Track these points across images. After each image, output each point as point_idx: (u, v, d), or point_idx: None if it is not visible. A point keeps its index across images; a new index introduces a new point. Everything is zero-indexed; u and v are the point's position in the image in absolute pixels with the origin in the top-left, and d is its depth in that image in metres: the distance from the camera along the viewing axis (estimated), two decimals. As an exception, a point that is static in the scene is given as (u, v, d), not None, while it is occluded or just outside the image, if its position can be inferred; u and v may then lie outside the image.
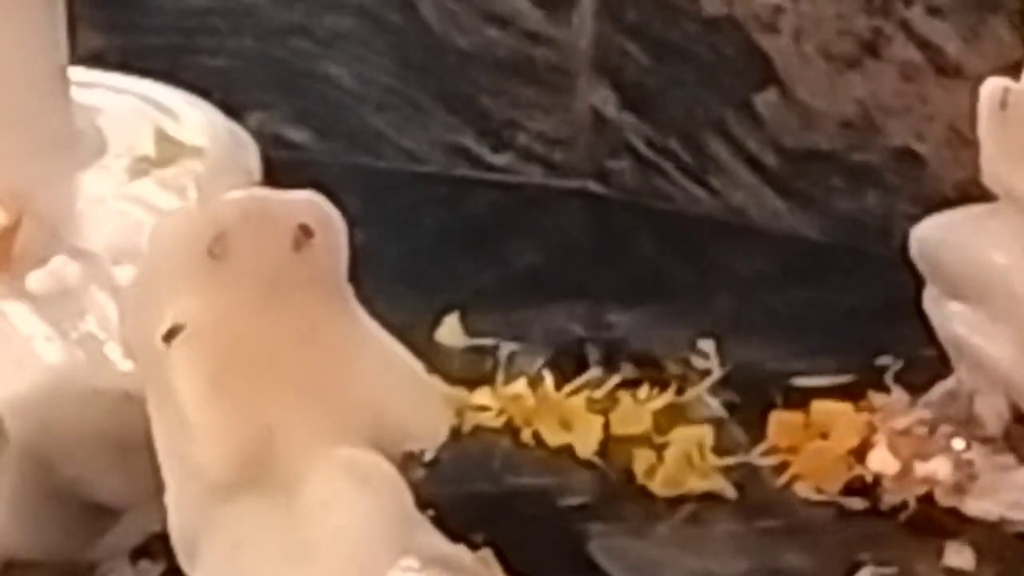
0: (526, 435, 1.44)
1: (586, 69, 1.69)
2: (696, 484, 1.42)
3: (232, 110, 1.45)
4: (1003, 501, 1.38)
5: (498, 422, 1.43)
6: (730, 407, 1.46)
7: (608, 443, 1.44)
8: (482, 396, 1.43)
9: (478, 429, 1.40)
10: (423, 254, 1.55)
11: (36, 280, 1.24)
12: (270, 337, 1.08)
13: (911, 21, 1.60)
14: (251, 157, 1.36)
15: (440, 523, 1.12)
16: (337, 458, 1.07)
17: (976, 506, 1.39)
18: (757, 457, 1.44)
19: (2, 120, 1.29)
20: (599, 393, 1.46)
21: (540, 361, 1.49)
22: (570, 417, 1.44)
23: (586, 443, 1.44)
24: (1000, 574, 1.36)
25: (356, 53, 1.74)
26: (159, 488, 1.10)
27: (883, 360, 1.48)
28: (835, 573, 1.35)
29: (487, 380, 1.45)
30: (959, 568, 1.35)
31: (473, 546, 1.14)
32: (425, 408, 1.12)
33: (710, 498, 1.41)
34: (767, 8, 1.64)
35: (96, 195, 1.31)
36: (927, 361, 1.46)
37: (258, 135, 1.42)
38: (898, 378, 1.47)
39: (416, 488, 1.11)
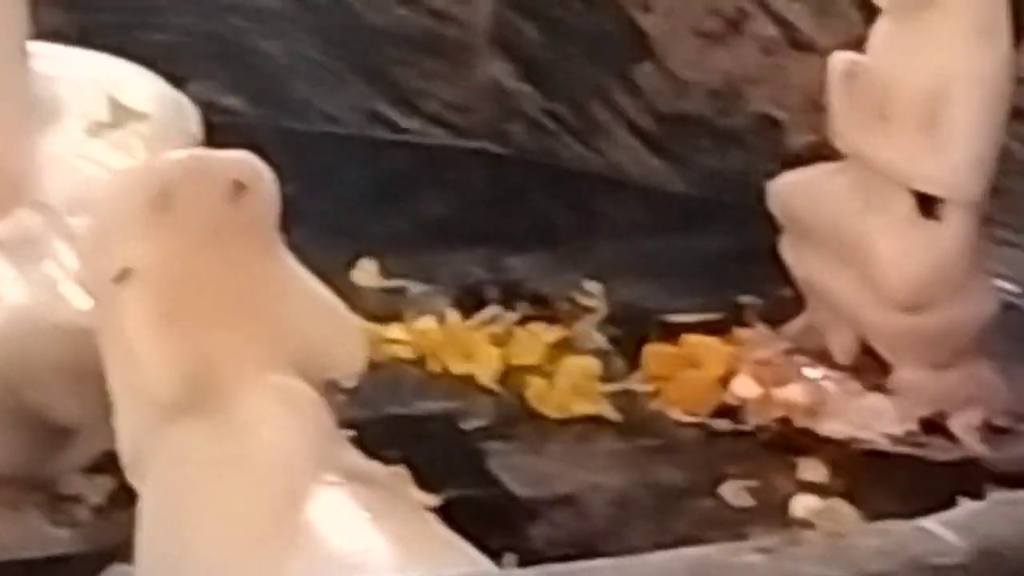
0: (433, 365, 1.46)
1: (485, 44, 1.70)
2: (583, 408, 1.44)
3: (176, 80, 1.45)
4: (852, 422, 1.40)
5: (409, 354, 1.45)
6: (612, 340, 1.47)
7: (506, 372, 1.45)
8: (394, 331, 1.46)
9: (391, 360, 1.41)
10: (343, 206, 1.56)
11: (3, 229, 1.26)
12: (209, 278, 1.10)
13: (769, 2, 1.62)
14: (192, 122, 1.37)
15: (358, 442, 1.14)
16: (268, 384, 1.09)
17: (828, 427, 1.41)
18: (635, 384, 1.46)
19: None
20: (497, 328, 1.47)
21: (445, 300, 1.51)
22: (472, 349, 1.46)
23: (486, 372, 1.46)
24: (849, 487, 1.37)
25: (284, 29, 1.75)
26: (110, 411, 1.13)
27: (745, 299, 1.50)
28: (704, 486, 1.37)
29: (399, 317, 1.47)
30: (812, 481, 1.38)
31: (387, 462, 1.16)
32: (345, 341, 1.15)
33: (595, 420, 1.43)
34: None
35: (55, 155, 1.33)
36: (784, 300, 1.48)
37: (198, 102, 1.43)
38: (759, 315, 1.49)
39: (337, 411, 1.13)
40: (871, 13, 1.41)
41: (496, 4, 1.71)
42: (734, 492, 1.37)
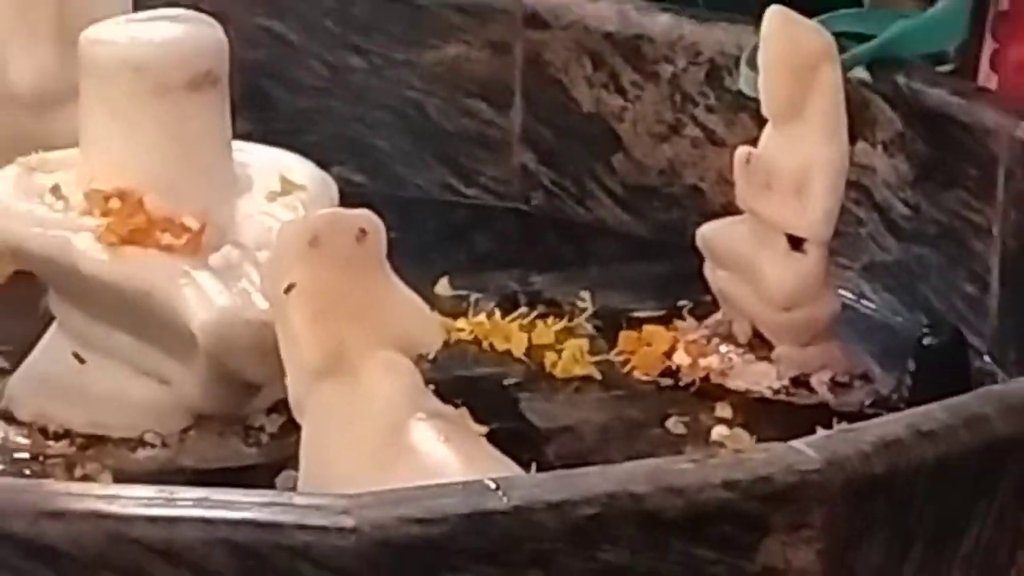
0: (484, 345, 1.48)
1: (518, 142, 1.70)
2: (579, 371, 1.45)
3: (323, 164, 1.45)
4: (748, 380, 1.42)
5: (468, 338, 1.47)
6: (597, 329, 1.48)
7: (530, 349, 1.47)
8: (460, 323, 1.47)
9: (457, 341, 1.43)
10: (427, 244, 1.57)
11: (214, 259, 1.27)
12: (342, 290, 1.12)
13: (697, 115, 1.62)
14: (333, 192, 1.38)
15: (437, 393, 1.16)
16: (379, 357, 1.12)
17: (733, 383, 1.42)
18: (612, 357, 1.47)
19: (197, 170, 1.33)
20: (525, 321, 1.49)
21: (492, 303, 1.52)
22: (509, 334, 1.48)
23: (519, 349, 1.47)
24: (747, 421, 1.39)
25: (390, 132, 1.75)
26: (282, 373, 1.14)
27: (682, 303, 1.51)
28: (655, 421, 1.40)
29: (463, 314, 1.49)
30: (724, 417, 1.39)
31: (455, 406, 1.18)
32: (428, 329, 1.17)
33: (586, 379, 1.45)
34: (618, 107, 1.66)
35: (247, 212, 1.34)
36: (706, 303, 1.49)
37: (336, 179, 1.44)
38: (690, 313, 1.49)
39: (423, 374, 1.15)
40: (762, 121, 1.42)
41: (525, 116, 1.71)
42: (674, 425, 1.39)
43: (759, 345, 1.44)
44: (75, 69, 1.35)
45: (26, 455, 1.28)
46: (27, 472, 1.26)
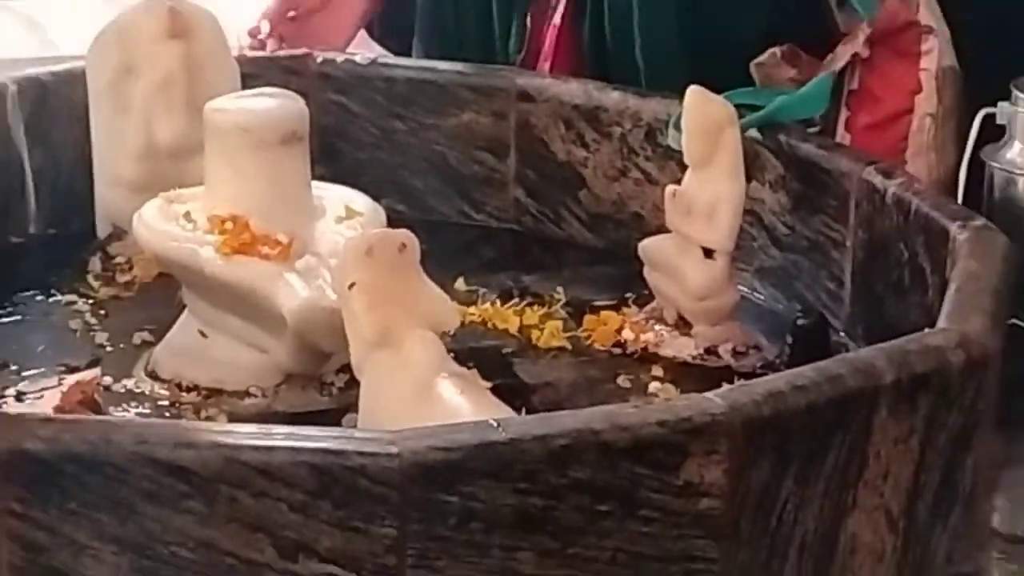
0: (489, 325, 1.46)
1: (512, 182, 1.69)
2: (555, 343, 1.43)
3: (375, 197, 1.43)
4: (674, 350, 1.40)
5: (478, 320, 1.45)
6: (568, 313, 1.47)
7: (521, 328, 1.45)
8: (471, 310, 1.45)
9: (470, 322, 1.41)
10: (448, 253, 1.55)
11: (299, 265, 1.27)
12: (389, 287, 1.12)
13: (640, 163, 1.62)
14: (382, 217, 1.37)
15: (456, 360, 1.15)
16: (415, 333, 1.11)
17: (664, 351, 1.41)
18: (579, 333, 1.45)
19: (286, 202, 1.33)
20: (517, 308, 1.47)
21: (494, 296, 1.51)
22: (506, 317, 1.46)
23: (513, 327, 1.45)
24: (673, 378, 1.37)
25: (420, 175, 1.74)
26: (347, 345, 1.14)
27: (628, 295, 1.49)
28: (609, 379, 1.38)
29: (473, 303, 1.47)
30: (657, 375, 1.38)
31: (467, 367, 1.17)
32: (449, 314, 1.17)
33: (561, 349, 1.43)
34: (582, 157, 1.66)
35: (321, 231, 1.35)
36: (645, 295, 1.47)
37: (384, 208, 1.44)
38: (634, 302, 1.48)
39: (446, 345, 1.14)
40: (684, 167, 1.41)
41: (517, 164, 1.69)
42: (623, 381, 1.37)
43: (682, 325, 1.43)
44: (201, 130, 1.36)
45: (166, 403, 1.29)
46: (167, 415, 1.27)
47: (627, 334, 1.44)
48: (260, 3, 2.29)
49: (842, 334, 1.44)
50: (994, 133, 1.51)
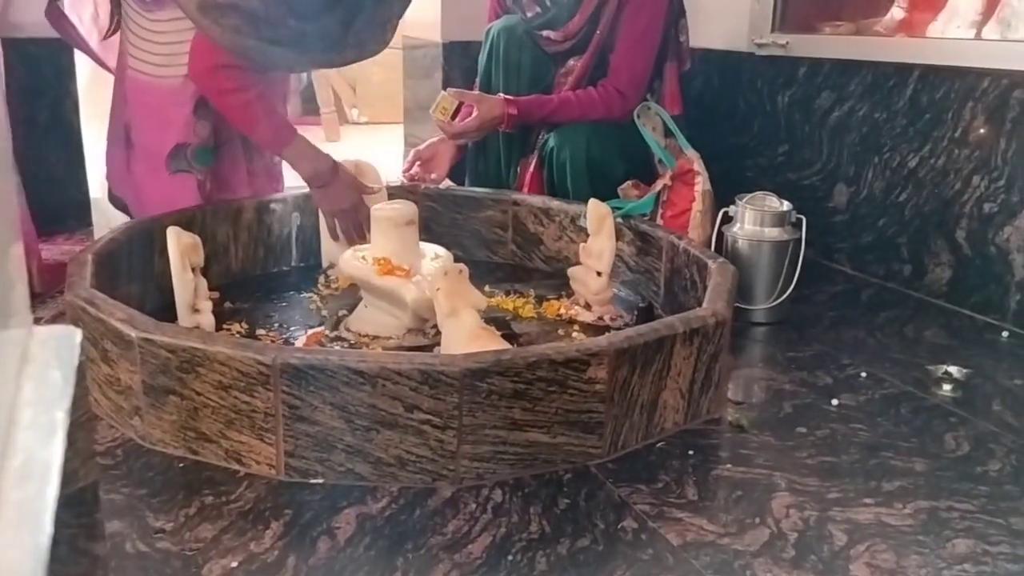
0: (499, 307, 1.40)
1: (510, 242, 1.63)
2: (530, 315, 1.38)
3: (448, 248, 1.42)
4: (586, 318, 1.37)
5: (494, 304, 1.39)
6: (536, 301, 1.43)
7: (515, 308, 1.40)
8: (492, 300, 1.39)
9: (490, 306, 1.36)
10: (482, 275, 1.50)
11: (414, 279, 1.25)
12: (455, 289, 1.11)
13: (570, 235, 1.57)
14: (451, 257, 1.34)
15: (485, 322, 1.14)
16: (467, 311, 1.11)
17: (579, 319, 1.37)
18: (540, 311, 1.40)
19: (408, 251, 1.31)
20: (512, 299, 1.43)
21: (502, 293, 1.46)
22: (507, 303, 1.41)
23: (510, 307, 1.40)
24: (584, 331, 1.33)
25: (471, 239, 1.75)
26: (435, 316, 1.13)
27: (563, 293, 1.44)
28: (554, 331, 1.33)
29: (493, 296, 1.42)
30: (577, 330, 1.33)
31: (489, 325, 1.15)
32: (482, 301, 1.14)
33: (531, 318, 1.37)
34: (541, 232, 1.64)
35: (424, 264, 1.33)
36: (571, 293, 1.43)
37: (453, 253, 1.42)
38: (567, 296, 1.44)
39: (481, 316, 1.13)
40: (587, 235, 1.41)
41: (512, 234, 1.64)
42: (561, 333, 1.32)
43: (588, 307, 1.39)
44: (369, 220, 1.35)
45: (353, 342, 1.28)
46: (353, 347, 1.25)
47: (563, 311, 1.41)
48: (394, 156, 2.29)
49: (660, 311, 1.43)
50: (726, 219, 1.52)
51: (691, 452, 1.03)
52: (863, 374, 1.26)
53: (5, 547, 0.23)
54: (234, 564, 0.79)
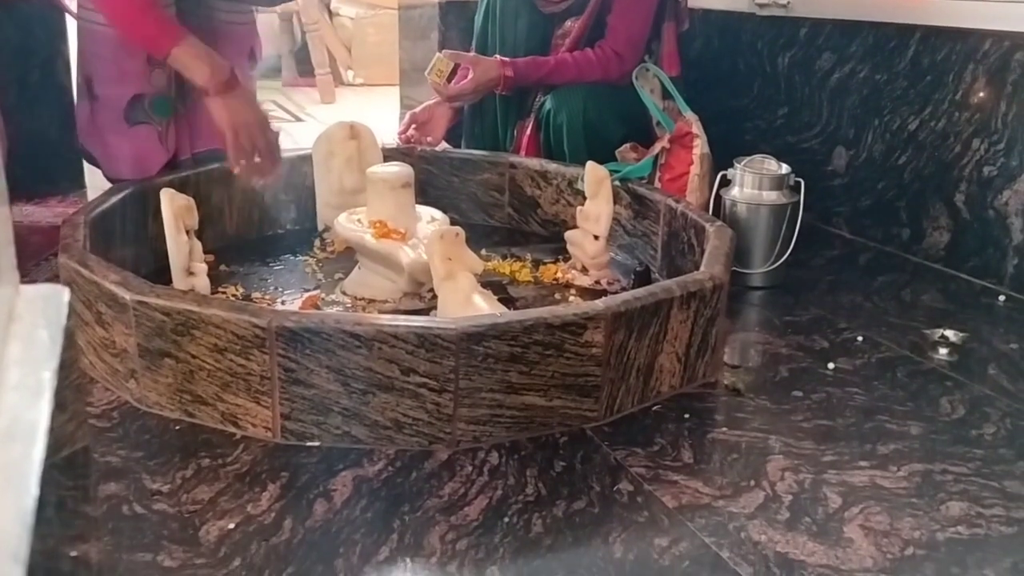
0: (496, 270, 1.39)
1: (506, 205, 1.63)
2: (526, 279, 1.38)
3: (444, 211, 1.40)
4: (582, 282, 1.36)
5: (491, 268, 1.38)
6: (533, 264, 1.41)
7: (512, 272, 1.39)
8: (488, 264, 1.38)
9: (486, 270, 1.35)
10: (479, 239, 1.49)
11: (410, 243, 1.25)
12: (451, 252, 1.10)
13: (567, 198, 1.57)
14: (447, 220, 1.33)
15: (481, 285, 1.15)
16: (463, 273, 1.11)
17: (578, 283, 1.37)
18: (538, 274, 1.39)
19: (404, 213, 1.29)
20: (509, 263, 1.43)
21: (499, 257, 1.45)
22: (504, 267, 1.40)
23: (507, 271, 1.40)
24: (581, 295, 1.32)
25: (470, 210, 1.74)
26: (431, 280, 1.12)
27: (560, 257, 1.43)
28: (550, 294, 1.32)
29: (489, 260, 1.41)
30: (575, 294, 1.32)
31: (486, 289, 1.15)
32: (478, 265, 1.14)
33: (528, 282, 1.37)
34: (538, 194, 1.64)
35: (420, 227, 1.32)
36: (567, 257, 1.42)
37: (448, 216, 1.41)
38: (563, 259, 1.43)
39: (477, 279, 1.13)
40: (585, 198, 1.40)
41: (509, 197, 1.64)
42: (557, 296, 1.32)
43: (585, 271, 1.38)
44: (365, 181, 1.33)
45: (350, 306, 1.27)
46: (349, 311, 1.24)
47: (559, 275, 1.40)
48: (390, 119, 2.27)
49: (657, 275, 1.42)
50: (724, 183, 1.51)
51: (687, 416, 1.03)
52: (859, 338, 1.26)
53: (-12, 511, 0.23)
54: (231, 526, 0.80)
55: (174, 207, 1.19)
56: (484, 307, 1.06)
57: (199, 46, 1.31)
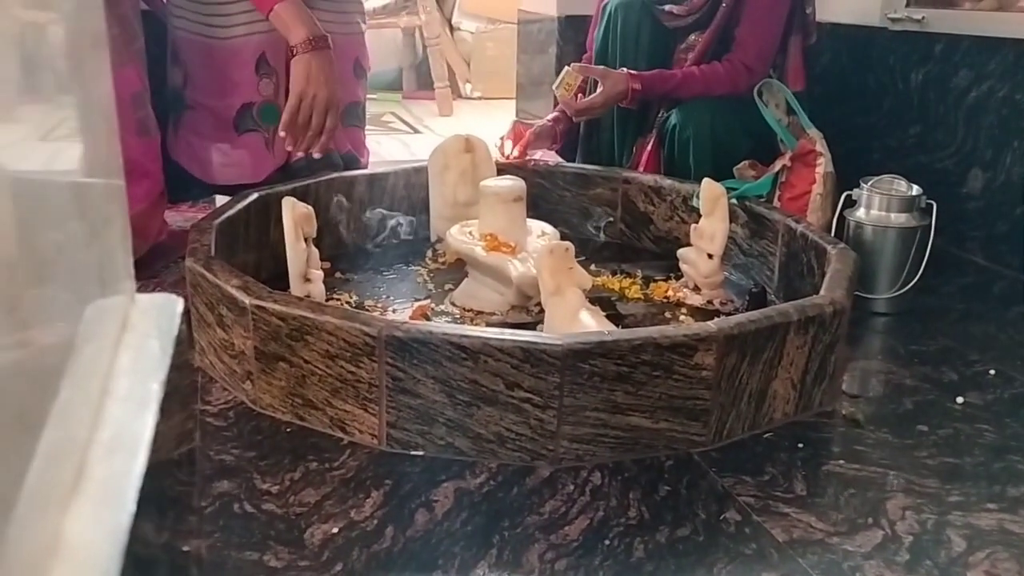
0: (605, 287, 1.38)
1: (619, 220, 1.64)
2: (636, 296, 1.36)
3: (554, 225, 1.41)
4: (694, 302, 1.34)
5: (600, 284, 1.37)
6: (643, 282, 1.40)
7: (621, 288, 1.37)
8: (597, 280, 1.37)
9: (595, 286, 1.35)
10: (589, 254, 1.50)
11: (519, 256, 1.25)
12: (560, 267, 1.09)
13: (681, 215, 1.56)
14: (558, 235, 1.33)
15: (589, 302, 1.13)
16: (571, 289, 1.09)
17: (689, 302, 1.34)
18: (648, 292, 1.37)
19: (516, 227, 1.29)
20: (619, 279, 1.42)
21: (608, 273, 1.44)
22: (613, 283, 1.39)
23: (616, 288, 1.38)
24: (693, 314, 1.30)
25: (578, 217, 1.73)
26: (539, 294, 1.11)
27: (671, 275, 1.41)
28: (660, 313, 1.30)
29: (598, 276, 1.40)
30: (686, 313, 1.30)
31: (595, 305, 1.14)
32: (587, 280, 1.13)
33: (638, 299, 1.35)
34: (651, 211, 1.62)
35: (530, 241, 1.32)
36: (680, 275, 1.40)
37: (559, 231, 1.41)
38: (675, 277, 1.41)
39: (586, 296, 1.12)
40: (700, 215, 1.38)
41: (621, 212, 1.62)
42: (668, 316, 1.30)
43: (697, 290, 1.36)
44: (478, 194, 1.34)
45: (459, 317, 1.28)
46: (458, 322, 1.25)
47: (671, 293, 1.38)
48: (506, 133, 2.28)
49: (773, 297, 1.39)
50: (849, 203, 1.46)
51: (801, 445, 0.99)
52: (992, 372, 1.19)
53: (84, 525, 0.23)
54: (335, 530, 0.81)
55: (294, 215, 1.23)
56: (591, 324, 1.05)
57: (303, 9, 1.32)
